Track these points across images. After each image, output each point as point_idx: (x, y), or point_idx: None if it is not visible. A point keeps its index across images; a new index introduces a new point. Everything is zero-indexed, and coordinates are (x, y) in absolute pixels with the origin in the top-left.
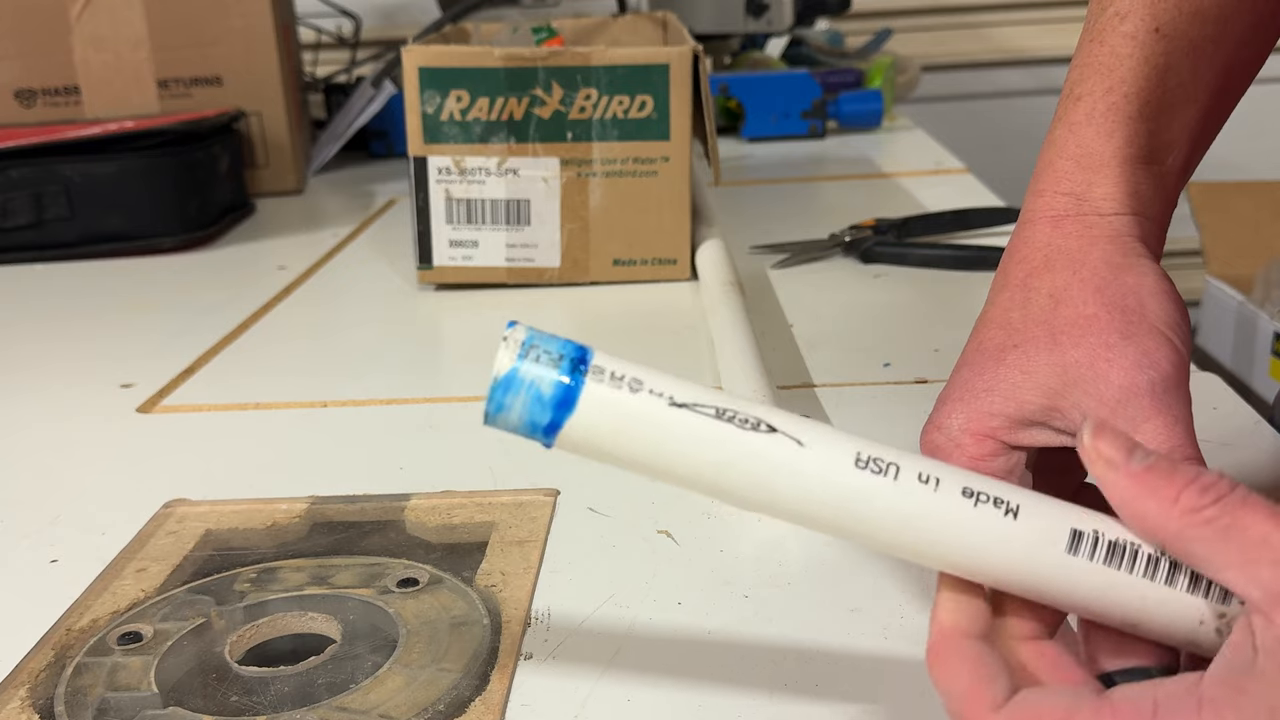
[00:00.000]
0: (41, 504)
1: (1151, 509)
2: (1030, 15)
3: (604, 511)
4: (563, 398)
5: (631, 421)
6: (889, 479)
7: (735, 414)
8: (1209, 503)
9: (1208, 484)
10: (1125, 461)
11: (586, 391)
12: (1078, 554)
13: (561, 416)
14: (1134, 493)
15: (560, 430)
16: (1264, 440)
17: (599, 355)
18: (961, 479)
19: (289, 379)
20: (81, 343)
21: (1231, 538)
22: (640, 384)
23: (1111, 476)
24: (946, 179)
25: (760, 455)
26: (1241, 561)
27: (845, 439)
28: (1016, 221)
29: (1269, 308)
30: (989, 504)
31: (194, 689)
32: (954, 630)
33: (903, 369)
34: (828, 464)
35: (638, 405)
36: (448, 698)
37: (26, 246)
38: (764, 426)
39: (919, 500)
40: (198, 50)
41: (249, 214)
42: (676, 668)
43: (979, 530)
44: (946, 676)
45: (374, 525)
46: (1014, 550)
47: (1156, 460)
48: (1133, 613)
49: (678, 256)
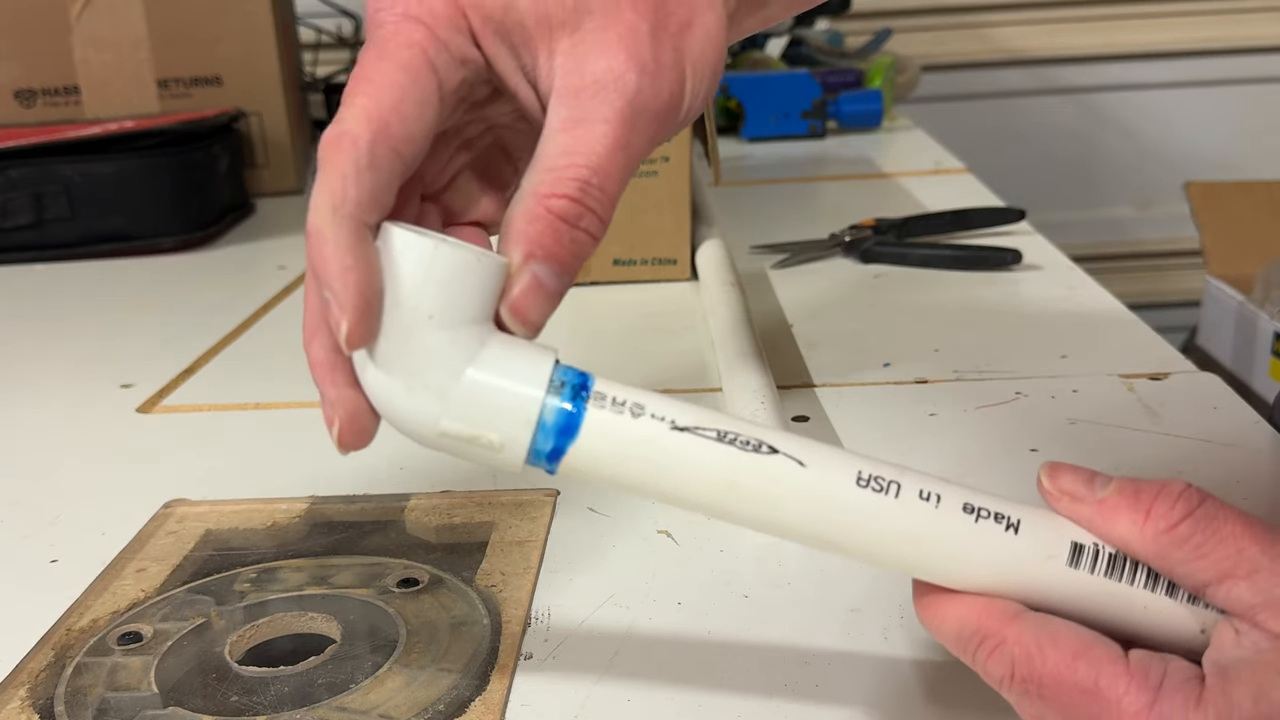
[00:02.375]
0: (41, 504)
1: (1123, 531)
2: (1030, 15)
3: (604, 511)
4: (565, 424)
5: (634, 447)
6: (890, 497)
7: (737, 436)
8: (1180, 517)
9: (1174, 496)
10: (1088, 492)
11: (589, 418)
12: (1079, 567)
13: (564, 443)
14: (1103, 520)
15: (563, 457)
16: (1264, 440)
17: (600, 381)
18: (962, 495)
19: (289, 379)
20: (81, 343)
21: (1206, 554)
22: (641, 409)
23: (1078, 509)
24: (946, 179)
25: (762, 477)
26: (1219, 577)
27: (846, 458)
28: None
29: (1269, 308)
30: (990, 520)
31: (194, 689)
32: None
33: (903, 369)
34: (829, 484)
35: (640, 430)
36: (448, 698)
37: (26, 246)
38: (765, 448)
39: (920, 518)
40: (198, 50)
41: (249, 214)
42: (676, 668)
43: (981, 546)
44: (955, 605)
45: (374, 525)
46: (1016, 565)
47: (1118, 483)
48: (1135, 623)
49: (678, 256)
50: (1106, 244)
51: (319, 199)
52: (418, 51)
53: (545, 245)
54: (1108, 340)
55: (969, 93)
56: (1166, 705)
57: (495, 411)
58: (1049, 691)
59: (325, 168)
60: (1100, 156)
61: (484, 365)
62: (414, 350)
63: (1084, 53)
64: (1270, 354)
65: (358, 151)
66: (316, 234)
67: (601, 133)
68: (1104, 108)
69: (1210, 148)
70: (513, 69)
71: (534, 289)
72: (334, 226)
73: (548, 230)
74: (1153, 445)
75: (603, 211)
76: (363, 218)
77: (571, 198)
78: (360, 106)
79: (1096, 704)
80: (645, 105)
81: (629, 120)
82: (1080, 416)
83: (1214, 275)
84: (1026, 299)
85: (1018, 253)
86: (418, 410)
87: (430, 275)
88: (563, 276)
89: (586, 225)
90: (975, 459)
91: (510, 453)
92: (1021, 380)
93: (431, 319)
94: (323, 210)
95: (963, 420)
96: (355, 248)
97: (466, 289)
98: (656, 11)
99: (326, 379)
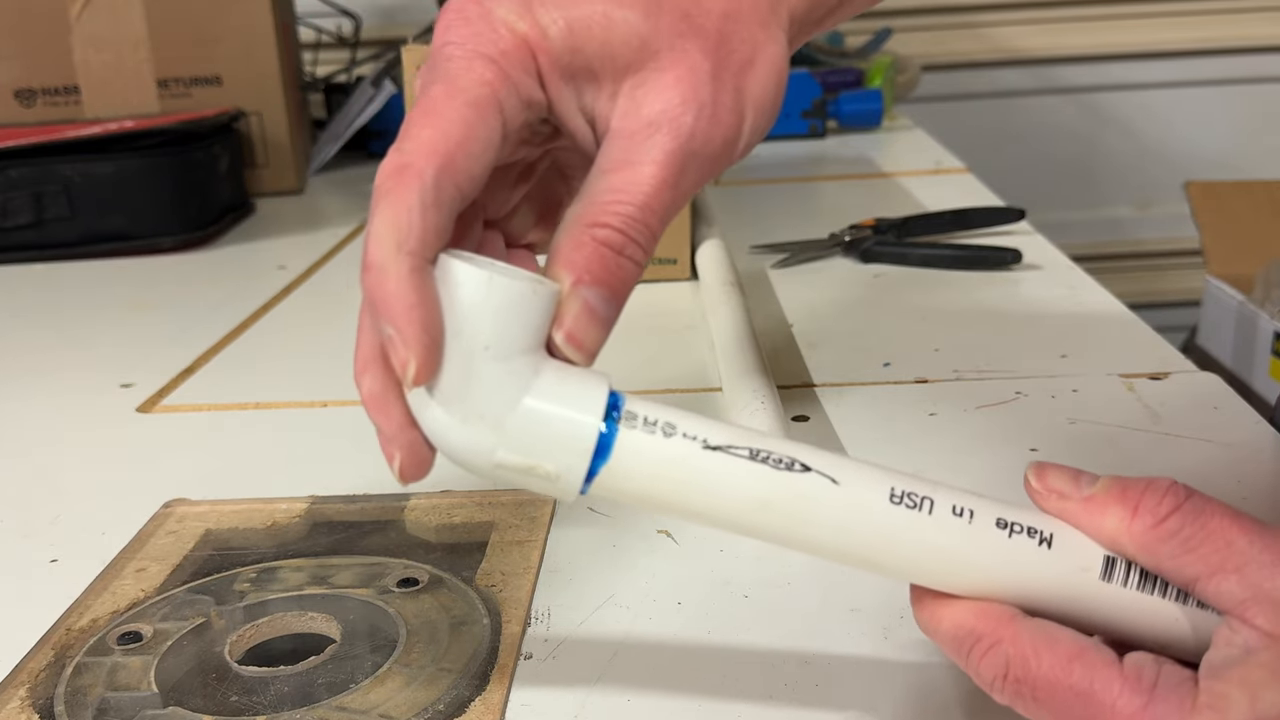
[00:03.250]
0: (41, 504)
1: (1113, 527)
2: (1030, 15)
3: (604, 511)
4: (597, 445)
5: (667, 467)
6: (924, 514)
7: (769, 455)
8: (1168, 512)
9: (1162, 491)
10: (1075, 490)
11: (621, 439)
12: (1112, 580)
13: (597, 465)
14: (1091, 517)
15: (595, 478)
16: (1264, 440)
17: (630, 400)
18: (995, 510)
19: (289, 379)
20: (81, 343)
21: (1194, 548)
22: (673, 428)
23: (1065, 506)
24: (946, 179)
25: (796, 495)
26: (1209, 571)
27: (879, 474)
28: None
29: (1269, 308)
30: (1023, 534)
31: (194, 689)
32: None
33: (903, 369)
34: (863, 501)
35: (673, 450)
36: (448, 698)
37: (26, 246)
38: (798, 466)
39: (954, 534)
40: (198, 50)
41: (249, 214)
42: (676, 668)
43: (1015, 562)
44: (950, 608)
45: (374, 525)
46: (1050, 580)
47: (1105, 481)
48: (1167, 635)
49: (678, 256)
50: (1106, 244)
51: (382, 231)
52: (488, 91)
53: (593, 271)
54: (1108, 340)
55: (969, 93)
56: (1160, 709)
57: (551, 442)
58: (1043, 694)
59: (388, 199)
60: (1100, 156)
61: (540, 395)
62: (470, 382)
63: (1084, 53)
64: (1270, 354)
65: (423, 187)
66: (379, 269)
67: (649, 174)
68: (1104, 108)
69: (1210, 148)
70: (573, 110)
71: (586, 314)
72: (398, 263)
73: (594, 257)
74: (1153, 445)
75: (646, 243)
76: (426, 255)
77: (615, 228)
78: (426, 140)
79: (1090, 707)
80: (699, 149)
81: (680, 162)
82: (1080, 416)
83: (1214, 275)
84: (1026, 299)
85: (1018, 253)
86: (474, 442)
87: (487, 307)
88: (612, 302)
89: (631, 254)
90: (975, 459)
91: (566, 482)
92: (1021, 380)
93: (488, 350)
94: (386, 245)
95: (963, 420)
96: (420, 286)
97: (521, 319)
98: (719, 49)
99: (382, 414)
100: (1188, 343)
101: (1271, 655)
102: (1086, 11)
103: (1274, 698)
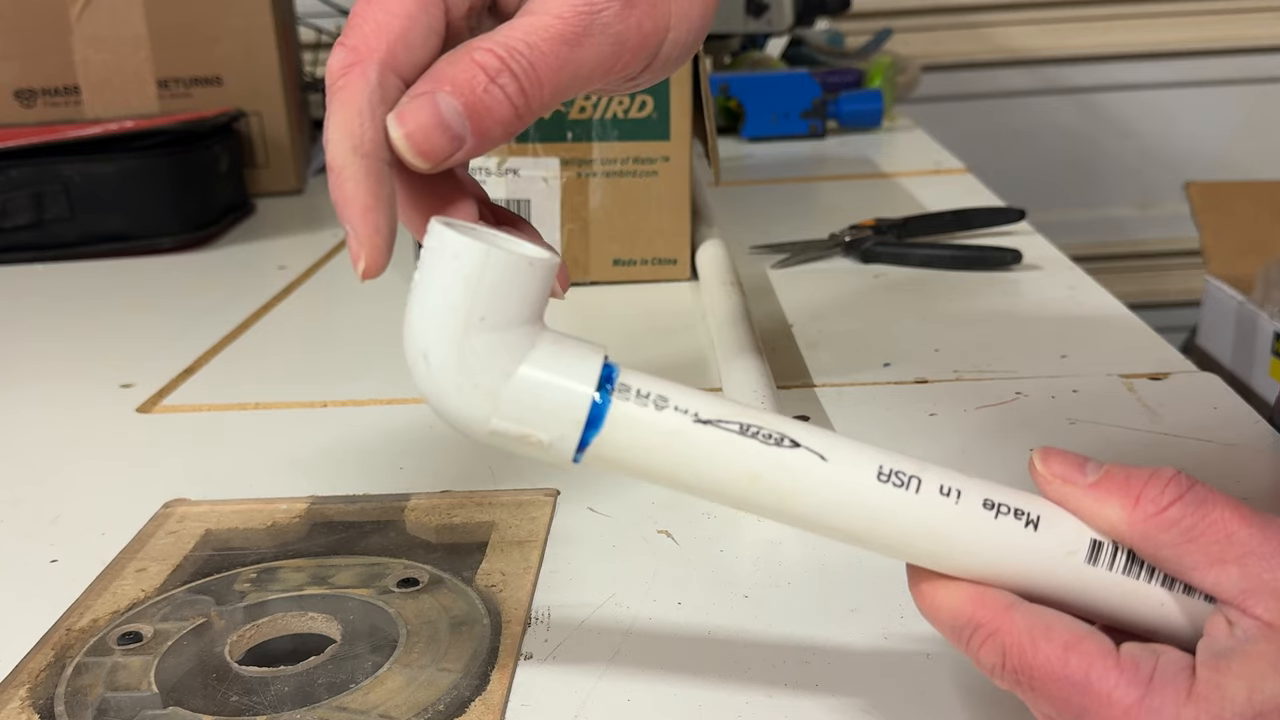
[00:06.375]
0: (41, 504)
1: (1114, 514)
2: (1030, 15)
3: (604, 511)
4: (591, 417)
5: (658, 438)
6: (911, 492)
7: (759, 430)
8: (1170, 501)
9: (1165, 481)
10: (1079, 477)
11: (613, 409)
12: (1098, 564)
13: (589, 434)
14: (1093, 504)
15: (588, 448)
16: (1264, 440)
17: (624, 372)
18: (983, 491)
19: (289, 379)
20: (81, 343)
21: (1195, 537)
22: (665, 401)
23: (1069, 492)
24: (946, 179)
25: (784, 470)
26: (1208, 561)
27: (867, 452)
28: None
29: (1269, 308)
30: (1009, 515)
31: (194, 689)
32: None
33: (903, 369)
34: (850, 478)
35: (664, 422)
36: (448, 698)
37: (26, 246)
38: (787, 442)
39: (941, 513)
40: (198, 50)
41: (249, 214)
42: (676, 668)
43: (1001, 542)
44: (947, 595)
45: (374, 525)
46: (1035, 561)
47: (1109, 469)
48: (1153, 619)
49: (678, 256)
50: (1106, 244)
51: (337, 135)
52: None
53: (456, 83)
54: (1108, 340)
55: (969, 93)
56: (1157, 699)
57: (544, 412)
58: (1039, 683)
59: (339, 99)
60: (1100, 156)
61: (534, 365)
62: (466, 351)
63: (1084, 53)
64: (1270, 354)
65: (369, 87)
66: (337, 172)
67: (546, 23)
68: (1104, 108)
69: (1210, 148)
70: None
71: (433, 118)
72: (354, 166)
73: (463, 72)
74: (1153, 445)
75: (526, 84)
76: (381, 156)
77: (494, 53)
78: (370, 33)
79: (1087, 697)
80: (609, 22)
81: (582, 23)
82: (1080, 416)
83: (1214, 275)
84: (1026, 299)
85: (1018, 253)
86: (470, 410)
87: (484, 279)
88: (467, 120)
89: (504, 84)
90: (975, 459)
91: (558, 450)
92: (1021, 380)
93: (484, 320)
94: (343, 148)
95: (963, 420)
96: (375, 188)
97: (518, 291)
98: None
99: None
100: (1188, 343)
101: (1271, 646)
102: (1086, 11)
103: (1273, 688)
